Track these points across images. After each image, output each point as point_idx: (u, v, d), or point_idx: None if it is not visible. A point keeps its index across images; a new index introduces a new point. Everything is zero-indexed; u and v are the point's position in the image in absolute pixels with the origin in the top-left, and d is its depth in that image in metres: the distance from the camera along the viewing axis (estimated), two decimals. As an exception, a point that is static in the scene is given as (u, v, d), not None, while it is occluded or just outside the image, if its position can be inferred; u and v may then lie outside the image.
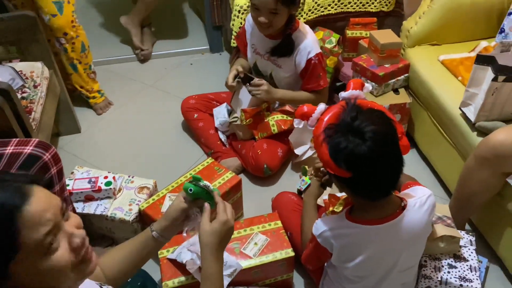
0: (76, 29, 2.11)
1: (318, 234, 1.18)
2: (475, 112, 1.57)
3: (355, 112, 1.00)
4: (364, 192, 1.07)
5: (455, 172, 1.63)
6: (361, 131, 0.97)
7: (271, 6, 1.69)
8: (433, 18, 1.98)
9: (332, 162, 1.01)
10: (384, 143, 1.00)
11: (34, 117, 1.72)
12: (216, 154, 2.04)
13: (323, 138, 1.02)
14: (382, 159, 1.00)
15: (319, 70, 1.89)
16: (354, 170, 1.00)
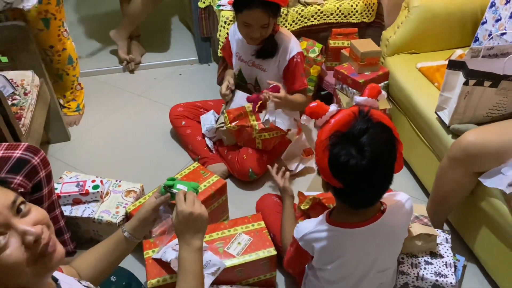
0: (63, 42, 2.18)
1: (300, 237, 1.20)
2: (449, 115, 1.64)
3: (366, 125, 0.98)
4: (349, 202, 1.10)
5: (432, 174, 1.69)
6: (365, 148, 0.97)
7: (264, 21, 1.76)
8: (411, 28, 2.07)
9: (328, 171, 1.01)
10: (382, 164, 1.01)
11: (24, 123, 1.76)
12: (203, 160, 2.08)
13: (327, 146, 1.01)
14: (375, 177, 1.02)
15: (301, 68, 1.94)
16: (346, 183, 1.02)
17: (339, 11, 2.33)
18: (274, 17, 1.79)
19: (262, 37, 1.83)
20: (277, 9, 1.79)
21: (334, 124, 1.03)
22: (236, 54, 2.02)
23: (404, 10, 2.13)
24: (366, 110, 1.02)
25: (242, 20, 1.79)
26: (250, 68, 2.00)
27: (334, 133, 1.01)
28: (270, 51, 1.91)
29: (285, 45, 1.89)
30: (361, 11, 2.35)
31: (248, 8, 1.74)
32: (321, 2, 2.30)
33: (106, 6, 3.41)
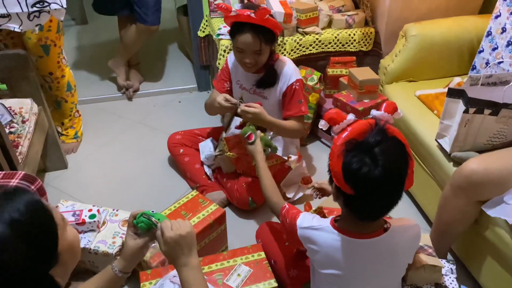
0: (62, 70, 2.19)
1: (300, 227, 1.20)
2: (450, 143, 1.64)
3: (380, 137, 1.01)
4: (357, 211, 1.09)
5: (434, 202, 1.67)
6: (378, 158, 0.99)
7: (256, 47, 1.77)
8: (408, 56, 2.09)
9: (341, 175, 1.02)
10: (394, 175, 1.02)
11: (21, 151, 1.75)
12: (201, 188, 2.06)
13: (342, 151, 1.03)
14: (387, 189, 1.03)
15: (300, 96, 1.93)
16: (359, 191, 1.02)
17: (337, 40, 2.36)
18: (268, 43, 1.79)
19: (256, 64, 1.83)
20: (271, 36, 1.79)
21: (351, 131, 1.05)
22: (237, 82, 2.02)
23: (401, 39, 2.15)
24: (382, 123, 1.05)
25: (236, 46, 1.81)
26: (252, 96, 1.99)
27: (350, 140, 1.03)
28: (270, 81, 1.91)
29: (285, 73, 1.90)
30: (359, 40, 2.38)
31: (239, 33, 1.75)
32: (319, 32, 2.33)
33: (106, 34, 3.45)
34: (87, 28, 3.81)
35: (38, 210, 0.76)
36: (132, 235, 1.12)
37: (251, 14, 1.69)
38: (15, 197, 0.75)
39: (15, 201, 0.74)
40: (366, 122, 1.06)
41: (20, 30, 1.81)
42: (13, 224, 0.71)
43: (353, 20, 2.36)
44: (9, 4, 1.72)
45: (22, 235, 0.71)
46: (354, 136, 1.04)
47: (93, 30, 3.74)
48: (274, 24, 1.75)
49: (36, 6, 1.74)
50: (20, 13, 1.75)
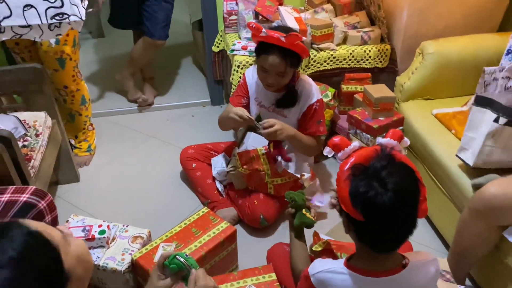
0: (77, 83, 2.20)
1: (313, 274, 1.15)
2: (473, 156, 1.56)
3: (387, 161, 0.99)
4: (371, 241, 1.05)
5: (452, 225, 1.61)
6: (386, 181, 0.96)
7: (281, 70, 1.75)
8: (425, 74, 2.05)
9: (349, 201, 1.00)
10: (405, 199, 0.99)
11: (33, 164, 1.75)
12: (212, 204, 2.03)
13: (348, 175, 1.01)
14: (398, 214, 0.99)
15: (319, 116, 1.92)
16: (368, 216, 0.99)
17: (352, 56, 2.33)
18: (293, 66, 1.78)
19: (278, 84, 1.81)
20: (297, 60, 1.78)
21: (357, 157, 1.04)
22: (255, 99, 1.99)
23: (418, 56, 2.12)
24: (389, 149, 1.03)
25: (260, 64, 1.79)
26: (271, 114, 1.95)
27: (356, 164, 1.02)
28: (290, 102, 1.89)
29: (306, 92, 1.88)
30: (374, 57, 2.35)
31: (265, 53, 1.74)
32: (333, 48, 2.31)
33: (122, 48, 3.48)
34: (104, 42, 3.86)
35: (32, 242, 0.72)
36: (159, 275, 1.13)
37: (281, 37, 1.67)
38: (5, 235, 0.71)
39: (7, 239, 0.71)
40: (372, 149, 1.04)
41: (40, 39, 1.83)
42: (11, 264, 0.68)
43: (368, 36, 2.34)
44: (29, 16, 1.75)
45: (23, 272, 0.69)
46: (360, 161, 1.02)
47: (109, 43, 3.78)
48: (303, 49, 1.73)
49: (55, 18, 1.77)
50: (41, 24, 1.78)
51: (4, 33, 1.80)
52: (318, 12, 2.43)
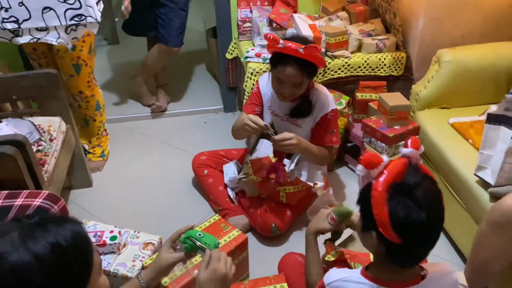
0: (92, 89, 2.22)
1: (328, 283, 1.13)
2: (493, 175, 1.53)
3: (419, 178, 0.99)
4: (399, 259, 1.04)
5: (468, 237, 1.57)
6: (421, 200, 0.96)
7: (297, 80, 1.73)
8: (442, 83, 2.02)
9: (389, 226, 0.98)
10: (438, 216, 1.00)
11: (47, 169, 1.76)
12: (224, 211, 2.02)
13: (386, 198, 0.98)
14: (431, 232, 1.00)
15: (333, 126, 1.89)
16: (406, 238, 0.98)
17: (367, 64, 2.31)
18: (309, 77, 1.75)
19: (294, 95, 1.78)
20: (313, 70, 1.76)
21: (389, 174, 1.01)
22: (269, 108, 1.96)
23: (434, 65, 2.09)
24: (415, 162, 1.02)
25: (275, 76, 1.76)
26: (284, 123, 1.93)
27: (391, 184, 0.99)
28: (305, 112, 1.86)
29: (321, 102, 1.85)
30: (389, 65, 2.32)
31: (282, 64, 1.70)
32: (348, 56, 2.29)
33: (136, 54, 3.51)
34: (118, 48, 3.90)
35: (81, 244, 0.77)
36: (168, 248, 1.15)
37: (299, 49, 1.64)
38: (66, 224, 0.77)
39: (64, 227, 0.75)
40: (401, 163, 1.02)
41: (57, 43, 1.85)
42: (54, 247, 0.72)
43: (383, 44, 2.32)
44: (48, 18, 1.77)
45: (58, 260, 0.72)
46: (393, 179, 1.00)
47: (124, 50, 3.82)
48: (320, 60, 1.71)
49: (74, 19, 1.79)
50: (58, 26, 1.80)
51: (23, 37, 1.83)
52: (333, 19, 2.42)
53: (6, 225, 0.75)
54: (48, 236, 0.72)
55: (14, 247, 0.70)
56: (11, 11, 1.72)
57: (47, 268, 0.70)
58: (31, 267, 0.70)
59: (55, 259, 0.72)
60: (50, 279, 0.71)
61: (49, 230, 0.74)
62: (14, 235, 0.72)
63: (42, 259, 0.70)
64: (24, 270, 0.69)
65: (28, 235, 0.72)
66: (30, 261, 0.70)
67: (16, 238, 0.71)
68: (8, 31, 1.79)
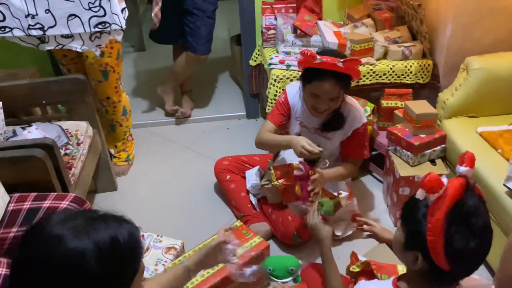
0: (119, 95, 2.26)
1: None
2: None
3: (476, 202, 0.97)
4: (441, 280, 1.02)
5: (498, 250, 1.51)
6: (476, 229, 0.95)
7: (335, 95, 1.70)
8: (470, 91, 1.97)
9: (443, 254, 0.96)
10: (489, 241, 0.99)
11: (74, 172, 1.79)
12: (245, 218, 2.02)
13: (444, 226, 0.95)
14: (482, 257, 1.01)
15: (364, 139, 1.87)
16: (456, 266, 0.97)
17: (393, 71, 2.28)
18: (345, 90, 1.73)
19: (329, 109, 1.75)
20: (349, 82, 1.73)
21: (448, 200, 0.96)
22: (297, 119, 1.93)
23: (462, 72, 2.05)
24: (472, 184, 1.00)
25: (311, 91, 1.72)
26: (313, 136, 1.90)
27: (449, 211, 0.96)
28: (337, 126, 1.83)
29: (352, 116, 1.82)
30: (416, 72, 2.29)
31: (319, 79, 1.67)
32: (373, 63, 2.27)
33: (162, 61, 3.57)
34: (145, 55, 3.97)
35: (135, 245, 0.81)
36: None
37: (338, 63, 1.60)
38: (124, 223, 0.81)
39: (122, 226, 0.80)
40: (459, 185, 0.97)
41: (81, 50, 1.90)
42: (112, 241, 0.76)
43: (410, 51, 2.28)
44: (73, 25, 1.82)
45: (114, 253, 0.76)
46: (452, 204, 0.96)
47: (150, 57, 3.88)
48: (357, 72, 1.68)
49: (98, 27, 1.83)
50: (82, 34, 1.84)
51: (48, 43, 1.88)
52: (358, 26, 2.40)
53: (73, 213, 0.80)
54: (109, 229, 0.77)
55: (77, 233, 0.74)
56: (37, 18, 1.77)
57: (103, 258, 0.74)
58: (89, 254, 0.73)
59: (111, 252, 0.76)
60: (103, 269, 0.74)
61: (109, 225, 0.78)
62: (79, 223, 0.76)
63: (101, 248, 0.74)
64: (82, 256, 0.73)
65: (92, 225, 0.76)
66: (89, 248, 0.73)
67: (81, 225, 0.76)
68: (34, 37, 1.85)
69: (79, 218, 0.78)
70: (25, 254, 0.76)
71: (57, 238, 0.74)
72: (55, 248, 0.73)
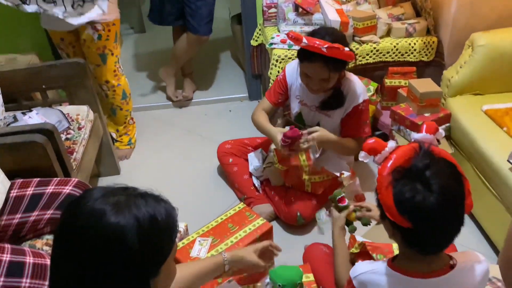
0: (118, 78, 2.24)
1: (354, 276, 1.11)
2: None
3: (428, 160, 0.95)
4: (418, 245, 1.00)
5: (502, 228, 1.52)
6: (431, 182, 0.92)
7: (324, 76, 1.69)
8: (475, 68, 1.94)
9: (394, 209, 0.95)
10: (451, 199, 0.95)
11: (76, 157, 1.79)
12: (249, 200, 2.02)
13: (390, 181, 0.96)
14: (446, 215, 0.95)
15: (365, 117, 1.85)
16: (416, 222, 0.94)
17: (396, 49, 2.24)
18: (337, 71, 1.70)
19: (323, 89, 1.75)
20: (342, 64, 1.70)
21: (396, 159, 0.98)
22: (297, 97, 1.92)
23: (467, 49, 2.00)
24: (427, 146, 0.98)
25: (302, 71, 1.73)
26: (313, 113, 1.89)
27: (396, 168, 0.96)
28: (336, 105, 1.81)
29: (353, 93, 1.80)
30: (420, 50, 2.24)
31: (308, 61, 1.67)
32: (377, 41, 2.23)
33: (162, 43, 3.53)
34: (145, 37, 3.92)
35: (171, 224, 0.82)
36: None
37: (323, 48, 1.58)
38: (163, 202, 0.83)
39: (161, 205, 0.82)
40: (409, 147, 0.98)
41: (63, 17, 1.86)
42: (152, 218, 0.77)
43: (413, 28, 2.24)
44: None
45: (152, 230, 0.77)
46: (399, 163, 0.96)
47: (150, 38, 3.84)
48: (347, 55, 1.65)
49: None
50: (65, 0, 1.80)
51: (30, 5, 1.83)
52: (361, 3, 2.35)
53: (114, 189, 0.81)
54: (148, 207, 0.78)
55: (119, 209, 0.76)
56: None
57: (142, 234, 0.75)
58: (129, 229, 0.74)
59: (150, 228, 0.77)
60: (141, 245, 0.75)
61: (149, 203, 0.80)
62: (120, 198, 0.78)
63: (141, 224, 0.75)
64: (122, 231, 0.74)
65: (133, 201, 0.78)
66: (130, 223, 0.75)
67: (122, 201, 0.77)
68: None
69: (120, 194, 0.79)
70: (66, 229, 0.78)
71: (99, 212, 0.75)
72: (97, 222, 0.75)
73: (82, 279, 0.75)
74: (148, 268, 0.78)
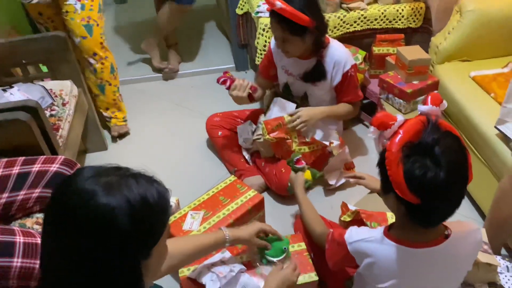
0: (105, 50, 2.17)
1: (351, 242, 1.13)
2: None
3: (437, 135, 0.95)
4: (420, 219, 1.02)
5: (489, 194, 1.55)
6: (440, 158, 0.92)
7: (279, 35, 1.70)
8: (463, 34, 1.93)
9: (405, 186, 0.95)
10: (459, 174, 0.96)
11: (62, 134, 1.76)
12: (239, 172, 2.02)
13: (400, 158, 0.95)
14: (454, 190, 0.97)
15: (356, 81, 1.86)
16: (425, 198, 0.95)
17: (384, 16, 2.21)
18: (294, 35, 1.68)
19: (292, 52, 1.76)
20: (299, 28, 1.66)
21: (404, 134, 0.97)
22: (282, 67, 1.92)
23: (455, 15, 1.99)
24: (434, 119, 0.98)
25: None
26: (299, 82, 1.89)
27: (406, 143, 0.96)
28: (318, 76, 1.82)
29: (338, 60, 1.79)
30: (407, 16, 2.22)
31: (270, 18, 1.72)
32: (364, 7, 2.19)
33: (144, 13, 3.43)
34: (126, 7, 3.80)
35: (163, 205, 0.81)
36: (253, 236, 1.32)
37: (276, 3, 1.60)
38: (155, 183, 0.82)
39: (152, 186, 0.80)
40: (417, 121, 0.98)
41: None
42: (143, 199, 0.76)
43: (401, -6, 2.20)
44: None
45: (144, 211, 0.76)
46: (408, 138, 0.96)
47: (131, 9, 3.72)
48: (300, 19, 1.62)
49: None
50: None
51: None
52: (348, -31, 2.29)
53: (105, 169, 0.80)
54: (140, 188, 0.77)
55: (110, 189, 0.75)
56: None
57: (134, 215, 0.74)
58: (120, 210, 0.73)
59: (142, 210, 0.76)
60: (133, 226, 0.74)
61: (141, 183, 0.78)
62: (112, 179, 0.77)
63: (132, 205, 0.74)
64: (113, 212, 0.73)
65: (124, 182, 0.77)
66: (121, 205, 0.74)
67: (114, 181, 0.76)
68: None
69: (112, 175, 0.78)
70: (56, 210, 0.76)
71: (90, 192, 0.74)
72: (87, 202, 0.73)
73: (72, 259, 0.74)
74: (139, 249, 0.77)
